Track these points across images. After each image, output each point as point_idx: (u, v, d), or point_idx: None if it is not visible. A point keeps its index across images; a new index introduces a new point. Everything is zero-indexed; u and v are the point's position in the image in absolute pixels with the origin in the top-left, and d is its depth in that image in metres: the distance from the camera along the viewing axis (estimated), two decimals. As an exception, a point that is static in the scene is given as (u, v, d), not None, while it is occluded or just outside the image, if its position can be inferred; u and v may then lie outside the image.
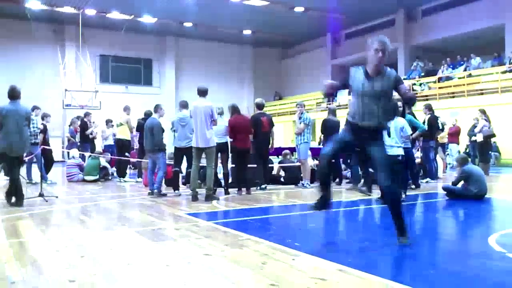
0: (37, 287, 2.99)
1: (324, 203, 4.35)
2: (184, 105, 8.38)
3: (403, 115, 8.01)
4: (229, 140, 8.53)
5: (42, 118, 11.14)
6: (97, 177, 11.33)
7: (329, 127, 10.01)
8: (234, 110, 8.48)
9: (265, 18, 24.58)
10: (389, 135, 6.99)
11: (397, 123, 7.05)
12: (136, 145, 13.30)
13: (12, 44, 24.51)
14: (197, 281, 3.14)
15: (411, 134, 7.83)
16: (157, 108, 8.60)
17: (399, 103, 7.95)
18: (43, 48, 25.29)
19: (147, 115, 10.61)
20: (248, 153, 8.51)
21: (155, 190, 8.03)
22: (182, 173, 9.23)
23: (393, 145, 6.92)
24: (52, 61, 24.41)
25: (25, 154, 8.21)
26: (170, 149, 9.35)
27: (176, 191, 8.21)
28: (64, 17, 24.19)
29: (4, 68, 24.22)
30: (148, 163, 8.42)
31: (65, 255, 3.86)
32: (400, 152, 7.01)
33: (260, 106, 9.30)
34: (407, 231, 4.10)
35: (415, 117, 9.18)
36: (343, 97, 24.46)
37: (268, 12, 23.64)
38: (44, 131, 10.98)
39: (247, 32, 27.61)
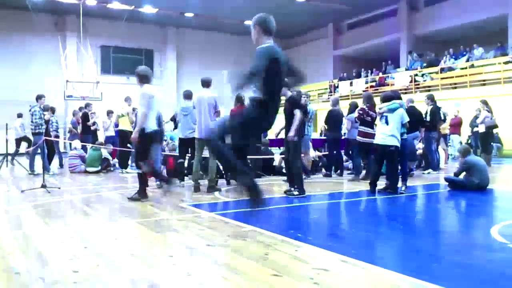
0: (41, 277, 3.00)
1: (256, 195, 3.58)
2: (188, 95, 8.34)
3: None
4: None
5: (47, 110, 11.14)
6: (99, 168, 11.35)
7: (333, 117, 10.07)
8: (238, 100, 8.45)
9: (267, 8, 24.30)
10: (386, 123, 6.94)
11: (399, 112, 7.00)
12: None
13: (13, 35, 24.37)
14: (200, 272, 3.15)
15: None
16: None
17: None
18: (44, 39, 25.16)
19: None
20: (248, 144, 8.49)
21: (157, 183, 8.05)
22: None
23: (388, 134, 6.89)
24: (53, 52, 24.31)
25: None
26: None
27: (181, 182, 8.23)
28: (64, 7, 24.06)
29: (5, 59, 24.13)
30: None
31: (68, 246, 3.88)
32: (394, 142, 6.93)
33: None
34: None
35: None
36: (345, 87, 24.42)
37: (269, 2, 23.48)
38: (47, 122, 10.99)
39: (249, 22, 27.35)
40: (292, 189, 6.91)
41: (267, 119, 3.82)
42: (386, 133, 6.93)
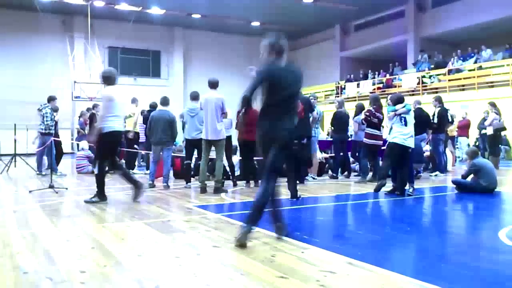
0: (49, 277, 3.02)
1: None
2: (195, 96, 8.36)
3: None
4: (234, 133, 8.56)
5: (56, 111, 11.20)
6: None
7: (338, 119, 10.05)
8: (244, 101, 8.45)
9: (274, 9, 24.40)
10: (406, 124, 6.92)
11: (412, 113, 7.03)
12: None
13: (21, 36, 24.51)
14: (206, 273, 3.16)
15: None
16: (166, 100, 8.58)
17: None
18: (52, 40, 25.30)
19: (153, 107, 10.67)
20: (255, 145, 8.51)
21: (164, 184, 8.09)
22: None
23: (409, 136, 6.88)
24: (61, 53, 24.46)
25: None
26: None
27: (188, 184, 8.26)
28: (72, 8, 24.19)
29: (13, 60, 24.25)
30: (153, 155, 8.44)
31: (76, 246, 3.90)
32: (413, 144, 6.95)
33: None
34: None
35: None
36: (352, 89, 24.36)
37: (276, 3, 23.49)
38: (56, 123, 11.06)
39: (256, 23, 27.46)
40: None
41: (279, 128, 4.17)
42: (406, 134, 6.91)
